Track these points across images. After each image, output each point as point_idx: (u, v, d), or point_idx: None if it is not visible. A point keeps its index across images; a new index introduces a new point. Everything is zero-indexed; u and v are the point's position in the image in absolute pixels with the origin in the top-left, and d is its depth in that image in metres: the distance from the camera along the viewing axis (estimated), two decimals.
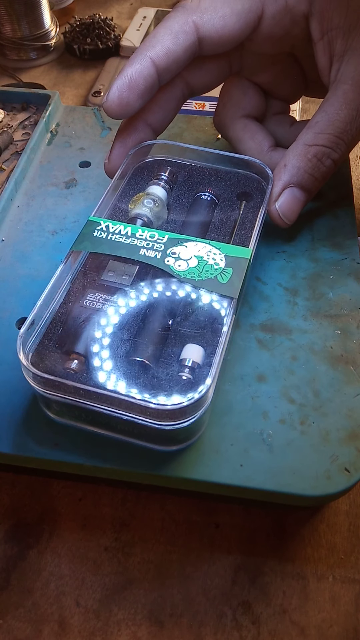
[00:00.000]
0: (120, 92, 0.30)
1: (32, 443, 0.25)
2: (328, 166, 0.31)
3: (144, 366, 0.25)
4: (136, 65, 0.30)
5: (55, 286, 0.26)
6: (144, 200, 0.30)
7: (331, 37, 0.30)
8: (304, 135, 0.31)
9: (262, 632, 0.25)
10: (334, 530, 0.28)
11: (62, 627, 0.25)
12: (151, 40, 0.30)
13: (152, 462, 0.25)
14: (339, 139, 0.30)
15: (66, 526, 0.28)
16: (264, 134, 0.35)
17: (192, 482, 0.25)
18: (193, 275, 0.26)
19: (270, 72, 0.35)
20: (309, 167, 0.30)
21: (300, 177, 0.31)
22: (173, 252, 0.27)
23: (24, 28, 0.56)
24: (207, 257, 0.27)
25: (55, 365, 0.24)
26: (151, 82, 0.30)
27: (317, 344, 0.29)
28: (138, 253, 0.27)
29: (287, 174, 0.31)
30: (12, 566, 0.27)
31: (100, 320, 0.26)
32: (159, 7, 0.63)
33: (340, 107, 0.30)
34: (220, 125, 0.37)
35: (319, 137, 0.30)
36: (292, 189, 0.31)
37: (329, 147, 0.30)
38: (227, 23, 0.30)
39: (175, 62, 0.30)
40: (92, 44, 0.58)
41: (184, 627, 0.25)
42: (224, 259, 0.27)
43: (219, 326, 0.26)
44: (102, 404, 0.23)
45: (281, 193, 0.31)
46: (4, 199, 0.35)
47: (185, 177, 0.33)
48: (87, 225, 0.28)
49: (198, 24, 0.30)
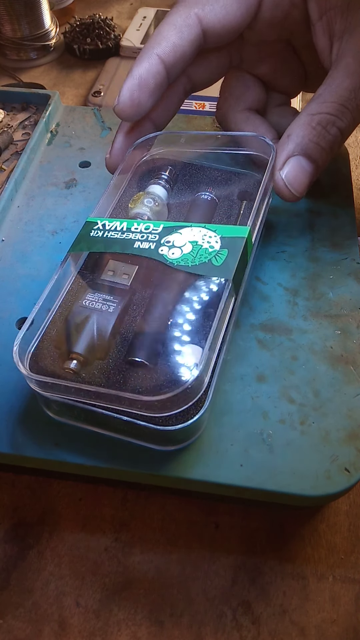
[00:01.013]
0: (131, 93, 0.29)
1: (32, 443, 0.25)
2: (334, 134, 0.30)
3: (142, 366, 0.25)
4: (144, 64, 0.29)
5: (54, 288, 0.26)
6: (144, 200, 0.30)
7: (330, 17, 0.30)
8: (307, 106, 0.30)
9: (262, 632, 0.25)
10: (334, 530, 0.28)
11: (62, 627, 0.25)
12: (156, 38, 0.30)
13: (152, 462, 0.25)
14: (343, 106, 0.29)
15: (66, 526, 0.28)
16: (266, 126, 0.35)
17: (192, 482, 0.25)
18: (187, 262, 0.26)
19: (270, 64, 0.35)
20: (314, 135, 0.29)
21: (305, 145, 0.29)
22: (167, 241, 0.27)
23: (24, 28, 0.56)
24: (202, 242, 0.26)
25: (53, 366, 0.24)
26: (160, 80, 0.30)
27: (317, 344, 0.29)
28: (132, 247, 0.27)
29: (291, 143, 0.29)
30: (12, 566, 0.27)
31: (99, 320, 0.26)
32: (159, 7, 0.63)
33: (343, 78, 0.29)
34: (223, 119, 0.36)
35: (323, 105, 0.29)
36: (298, 157, 0.30)
37: (334, 114, 0.29)
38: (229, 11, 0.30)
39: (182, 56, 0.30)
40: (92, 44, 0.58)
41: (184, 627, 0.25)
42: (219, 240, 0.26)
43: (210, 310, 0.25)
44: (101, 405, 0.23)
45: (286, 162, 0.30)
46: (4, 199, 0.35)
47: (186, 176, 0.33)
48: (85, 227, 0.28)
49: (200, 15, 0.30)
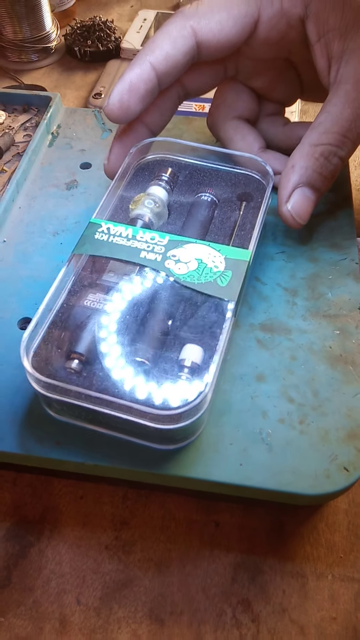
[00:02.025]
0: (120, 96, 0.30)
1: (34, 442, 0.25)
2: (335, 164, 0.31)
3: (144, 367, 0.25)
4: (136, 69, 0.30)
5: (58, 289, 0.27)
6: (145, 201, 0.30)
7: (328, 39, 0.30)
8: (308, 136, 0.31)
9: (262, 630, 0.25)
10: (333, 529, 0.28)
11: (63, 625, 0.25)
12: (150, 46, 0.31)
13: (152, 461, 0.25)
14: (344, 137, 0.30)
15: (67, 524, 0.28)
16: (254, 135, 0.36)
17: (192, 480, 0.25)
18: (193, 279, 0.27)
19: (266, 77, 0.35)
20: (317, 166, 0.30)
21: (309, 176, 0.31)
22: (173, 255, 0.27)
23: (25, 30, 0.57)
24: (207, 260, 0.27)
25: (55, 366, 0.24)
26: (151, 86, 0.30)
27: (316, 343, 0.29)
28: (139, 256, 0.27)
29: (296, 174, 0.31)
30: (14, 564, 0.27)
31: (100, 320, 0.26)
32: (159, 10, 0.63)
33: (343, 106, 0.30)
34: (213, 126, 0.37)
35: (324, 136, 0.30)
36: (303, 188, 0.31)
37: (335, 145, 0.30)
38: (224, 27, 0.31)
39: (175, 66, 0.31)
40: (92, 46, 0.58)
41: (184, 625, 0.25)
42: (224, 261, 0.27)
43: (217, 330, 0.26)
44: (103, 405, 0.23)
45: (291, 194, 0.31)
46: (6, 200, 0.36)
47: (186, 177, 0.33)
48: (89, 228, 0.28)
49: (196, 28, 0.30)
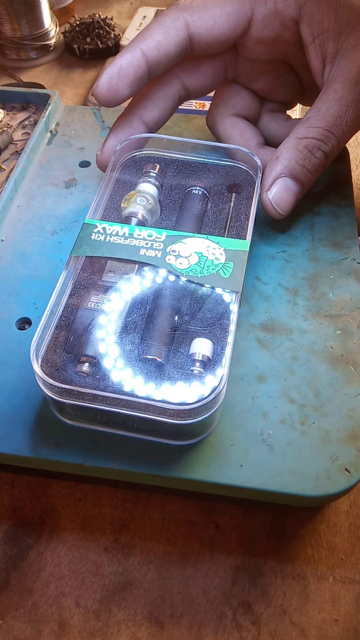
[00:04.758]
0: (109, 79, 0.31)
1: (32, 443, 0.25)
2: (319, 158, 0.31)
3: (156, 364, 0.25)
4: (127, 55, 0.31)
5: (60, 293, 0.26)
6: (137, 199, 0.30)
7: (322, 40, 0.31)
8: (295, 130, 0.31)
9: (263, 633, 0.25)
10: (334, 530, 0.28)
11: (61, 628, 0.25)
12: (143, 34, 0.31)
13: (152, 463, 0.25)
14: (329, 132, 0.31)
15: (66, 526, 0.28)
16: (252, 132, 0.36)
17: (192, 482, 0.25)
18: (195, 272, 0.27)
19: (265, 80, 0.35)
20: (300, 158, 0.31)
21: (291, 167, 0.31)
22: (173, 250, 0.27)
23: (24, 27, 0.56)
24: (207, 253, 0.27)
25: (67, 371, 0.24)
26: (141, 73, 0.31)
27: (318, 344, 0.29)
28: (138, 254, 0.27)
29: (279, 165, 0.31)
30: (12, 566, 0.27)
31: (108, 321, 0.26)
32: (158, 7, 0.63)
33: (331, 103, 0.30)
34: (211, 123, 0.37)
35: (310, 130, 0.31)
36: (284, 179, 0.31)
37: (319, 139, 0.31)
38: (216, 22, 0.31)
39: (166, 55, 0.31)
40: (92, 44, 0.58)
41: (184, 627, 0.25)
42: (224, 253, 0.27)
43: (226, 321, 0.26)
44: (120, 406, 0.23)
45: (273, 183, 0.31)
46: (4, 198, 0.35)
47: (175, 172, 0.33)
48: (84, 229, 0.28)
49: (189, 21, 0.31)
